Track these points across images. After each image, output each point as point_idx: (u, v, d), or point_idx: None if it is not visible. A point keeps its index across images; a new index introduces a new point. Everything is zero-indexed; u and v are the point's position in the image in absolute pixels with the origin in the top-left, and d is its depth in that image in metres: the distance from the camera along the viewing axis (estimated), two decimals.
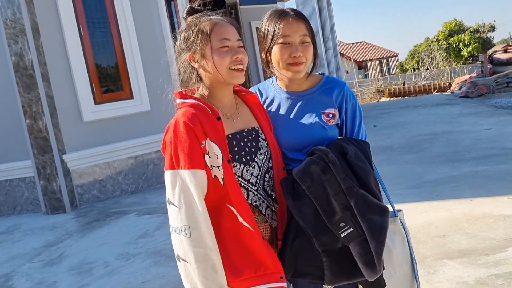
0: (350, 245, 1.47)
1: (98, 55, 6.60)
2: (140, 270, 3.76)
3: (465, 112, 10.42)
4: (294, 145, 1.66)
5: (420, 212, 4.08)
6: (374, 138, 8.43)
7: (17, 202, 6.47)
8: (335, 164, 1.49)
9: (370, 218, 1.45)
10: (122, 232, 4.88)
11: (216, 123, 1.49)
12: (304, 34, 1.62)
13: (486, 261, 3.02)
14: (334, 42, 13.86)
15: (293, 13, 1.64)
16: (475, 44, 33.49)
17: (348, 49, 38.38)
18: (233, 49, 1.52)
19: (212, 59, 1.50)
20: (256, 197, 1.57)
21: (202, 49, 1.52)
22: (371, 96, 22.66)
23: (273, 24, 1.64)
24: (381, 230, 1.45)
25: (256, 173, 1.57)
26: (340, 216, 1.47)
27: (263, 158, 1.59)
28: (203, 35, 1.51)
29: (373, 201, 1.48)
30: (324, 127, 1.66)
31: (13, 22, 5.96)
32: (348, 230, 1.46)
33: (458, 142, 6.91)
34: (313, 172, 1.49)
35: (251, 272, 1.47)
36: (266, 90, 1.78)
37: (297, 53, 1.60)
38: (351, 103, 1.73)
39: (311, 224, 1.49)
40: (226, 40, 1.51)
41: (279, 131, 1.68)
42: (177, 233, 1.45)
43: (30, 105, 6.03)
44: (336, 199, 1.47)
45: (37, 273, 4.08)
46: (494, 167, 5.21)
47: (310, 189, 1.49)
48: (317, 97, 1.70)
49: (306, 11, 9.70)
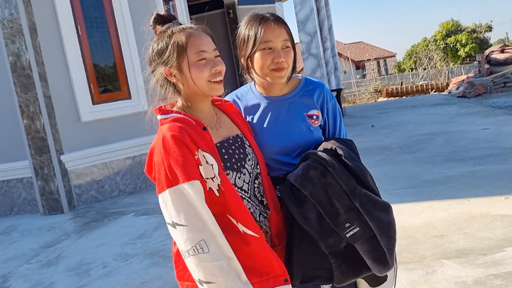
0: (357, 243, 1.48)
1: (96, 55, 6.59)
2: (138, 270, 3.75)
3: (462, 112, 10.44)
4: (283, 149, 1.66)
5: (418, 212, 4.09)
6: (371, 138, 8.44)
7: (14, 203, 6.45)
8: (334, 167, 1.49)
9: (377, 216, 1.47)
10: (120, 233, 4.87)
11: (203, 133, 1.46)
12: (285, 39, 1.62)
13: (484, 261, 3.02)
14: (332, 42, 13.87)
15: (273, 17, 1.62)
16: (472, 44, 33.58)
17: (346, 49, 38.43)
18: (210, 61, 1.48)
19: (190, 74, 1.46)
20: (250, 204, 1.54)
21: (179, 64, 1.46)
22: (368, 96, 22.69)
23: (254, 29, 1.61)
24: (390, 226, 1.49)
25: (247, 180, 1.55)
26: (345, 217, 1.48)
27: (251, 164, 1.57)
28: (179, 49, 1.45)
29: (376, 199, 1.50)
30: (310, 129, 1.67)
31: (10, 22, 5.94)
32: (355, 230, 1.47)
33: (456, 142, 6.92)
34: (312, 177, 1.50)
35: (256, 277, 1.43)
36: (245, 96, 1.75)
37: (280, 59, 1.59)
38: (331, 103, 1.74)
39: (316, 229, 1.49)
40: (203, 52, 1.46)
41: (267, 136, 1.67)
42: (192, 255, 1.36)
43: (28, 105, 6.01)
44: (339, 201, 1.48)
45: (35, 274, 4.07)
46: (491, 167, 5.22)
47: (312, 194, 1.49)
48: (298, 100, 1.70)
49: (304, 11, 9.70)
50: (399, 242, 3.72)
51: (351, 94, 24.07)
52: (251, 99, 1.73)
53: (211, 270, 1.35)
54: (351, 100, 22.47)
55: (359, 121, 11.49)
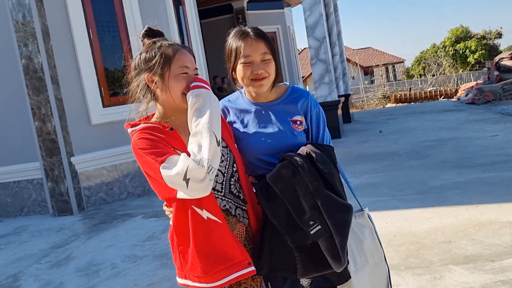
0: (319, 240, 1.61)
1: (107, 59, 6.66)
2: (146, 272, 3.79)
3: (471, 119, 10.40)
4: (268, 150, 1.79)
5: (426, 218, 4.09)
6: (380, 144, 8.44)
7: (24, 204, 6.53)
8: (303, 168, 1.63)
9: (335, 215, 1.60)
10: (128, 235, 4.91)
11: (171, 133, 1.60)
12: (263, 52, 1.75)
13: (492, 267, 3.02)
14: (341, 47, 13.90)
15: (253, 33, 1.76)
16: (482, 50, 33.41)
17: (354, 55, 38.39)
18: (190, 77, 1.64)
19: (170, 83, 1.61)
20: (224, 202, 1.67)
21: (163, 72, 1.62)
22: (377, 102, 22.65)
23: (235, 44, 1.76)
24: (345, 227, 1.61)
25: (221, 180, 1.67)
26: (309, 215, 1.61)
27: (226, 165, 1.69)
28: (165, 60, 1.62)
29: (337, 200, 1.63)
30: (294, 133, 1.80)
31: (23, 25, 6.04)
32: (317, 228, 1.60)
33: (465, 149, 6.90)
34: (284, 175, 1.64)
35: (220, 265, 1.58)
36: (236, 101, 1.90)
37: (259, 71, 1.74)
38: (315, 110, 1.86)
39: (284, 224, 1.64)
40: (186, 68, 1.63)
41: (253, 139, 1.81)
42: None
43: (39, 107, 6.09)
44: (305, 200, 1.62)
45: (45, 274, 4.12)
46: (500, 173, 5.20)
47: (282, 191, 1.64)
48: (283, 107, 1.84)
49: (313, 17, 9.73)
50: (407, 247, 3.74)
51: (359, 99, 24.04)
52: (241, 104, 1.89)
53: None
54: (359, 106, 22.44)
55: (367, 126, 11.47)
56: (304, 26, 9.85)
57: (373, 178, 5.78)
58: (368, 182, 5.59)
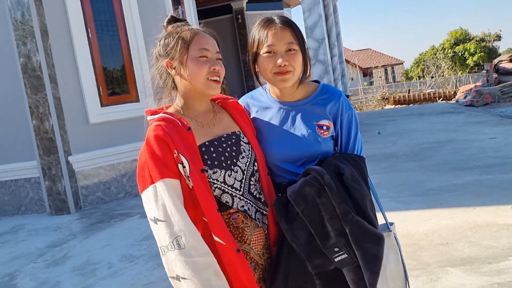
0: (344, 270, 1.44)
1: (105, 58, 6.66)
2: (143, 272, 3.78)
3: (470, 121, 10.41)
4: (286, 157, 1.61)
5: (424, 220, 4.09)
6: (378, 146, 8.44)
7: (21, 202, 6.51)
8: (330, 187, 1.43)
9: (364, 246, 1.41)
10: (126, 234, 4.90)
11: (186, 134, 1.47)
12: (289, 42, 1.57)
13: (489, 269, 3.02)
14: (340, 48, 13.91)
15: (279, 20, 1.59)
16: (481, 53, 33.44)
17: (353, 56, 38.44)
18: (211, 60, 1.51)
19: (190, 68, 1.50)
20: (242, 202, 1.53)
21: (181, 56, 1.51)
22: (375, 103, 22.67)
23: (259, 33, 1.60)
24: (376, 260, 1.42)
25: (240, 178, 1.53)
26: (335, 241, 1.43)
27: (246, 162, 1.56)
28: (183, 43, 1.51)
29: (368, 228, 1.43)
30: (318, 140, 1.60)
31: (22, 23, 6.02)
32: (343, 256, 1.43)
33: (463, 151, 6.91)
34: (307, 194, 1.44)
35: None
36: (259, 98, 1.72)
37: (282, 62, 1.55)
38: (347, 114, 1.65)
39: (304, 248, 1.45)
40: (205, 50, 1.51)
41: (271, 142, 1.63)
42: (170, 250, 1.39)
43: (37, 106, 6.08)
44: (331, 223, 1.43)
45: (41, 273, 4.11)
46: (498, 176, 5.21)
47: (304, 212, 1.45)
48: (310, 108, 1.64)
49: (312, 18, 9.74)
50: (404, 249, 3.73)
51: (358, 101, 24.05)
52: (264, 101, 1.70)
53: (186, 266, 1.37)
54: (358, 107, 22.46)
55: (365, 128, 11.47)
56: (303, 26, 9.86)
57: (371, 180, 5.77)
58: None
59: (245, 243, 1.52)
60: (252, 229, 1.53)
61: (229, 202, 1.51)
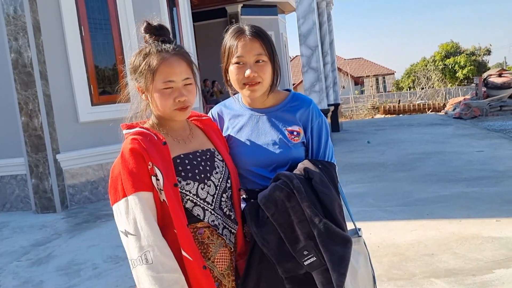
0: (314, 273, 1.45)
1: (97, 57, 6.62)
2: (128, 273, 3.74)
3: (458, 133, 10.53)
4: (258, 162, 1.63)
5: (410, 230, 4.12)
6: (367, 155, 8.49)
7: (7, 199, 6.43)
8: (299, 191, 1.45)
9: (332, 249, 1.42)
10: (112, 235, 4.86)
11: (161, 148, 1.48)
12: (258, 53, 1.59)
13: (473, 281, 3.05)
14: (333, 57, 13.99)
15: (250, 32, 1.61)
16: (471, 66, 33.90)
17: (345, 65, 38.70)
18: (176, 90, 1.49)
19: (155, 98, 1.51)
20: (213, 216, 1.53)
21: (147, 86, 1.51)
22: (366, 112, 22.82)
23: (230, 43, 1.62)
24: (343, 262, 1.43)
25: (213, 192, 1.54)
26: (304, 245, 1.44)
27: (219, 177, 1.57)
28: (149, 72, 1.50)
29: (336, 231, 1.44)
30: (289, 145, 1.63)
31: (14, 19, 5.97)
32: (312, 259, 1.44)
33: (450, 163, 6.98)
34: (277, 198, 1.47)
35: None
36: (232, 107, 1.76)
37: (250, 74, 1.57)
38: (317, 121, 1.69)
39: (274, 252, 1.47)
40: (169, 82, 1.49)
41: (243, 147, 1.65)
42: (138, 264, 1.39)
43: (27, 102, 6.02)
44: (299, 227, 1.45)
45: (24, 271, 4.06)
46: (484, 189, 5.27)
47: (274, 216, 1.47)
48: (281, 114, 1.68)
49: (306, 25, 9.79)
50: (389, 258, 3.75)
51: (348, 109, 24.20)
52: (236, 109, 1.74)
53: (153, 282, 1.37)
54: (349, 116, 22.59)
55: (355, 136, 11.54)
56: (297, 33, 9.91)
57: (359, 188, 5.81)
58: (354, 192, 5.61)
59: (209, 260, 1.52)
60: (217, 246, 1.53)
61: (200, 216, 1.52)
